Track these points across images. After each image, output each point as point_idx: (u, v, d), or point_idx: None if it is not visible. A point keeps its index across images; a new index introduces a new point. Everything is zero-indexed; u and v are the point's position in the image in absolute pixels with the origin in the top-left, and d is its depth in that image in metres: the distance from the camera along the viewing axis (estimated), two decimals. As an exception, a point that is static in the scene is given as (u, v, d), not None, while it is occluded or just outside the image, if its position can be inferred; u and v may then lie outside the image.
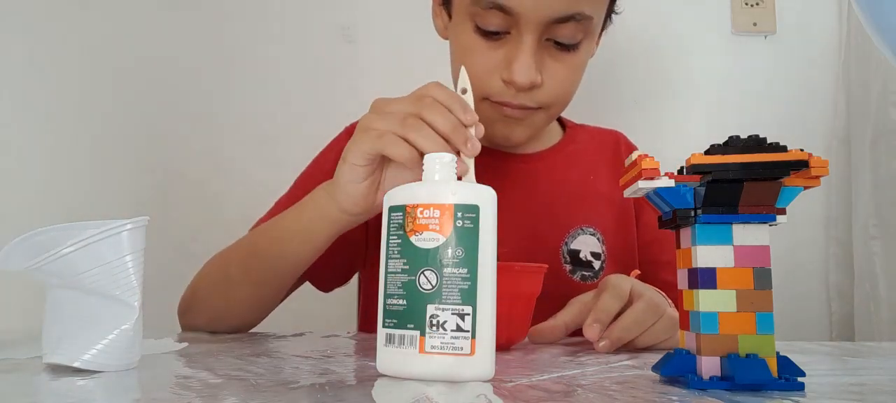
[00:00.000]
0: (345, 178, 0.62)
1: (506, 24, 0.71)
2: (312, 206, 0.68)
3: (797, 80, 1.30)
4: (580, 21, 0.71)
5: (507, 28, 0.72)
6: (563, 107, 0.80)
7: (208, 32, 1.29)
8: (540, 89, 0.74)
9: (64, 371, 0.44)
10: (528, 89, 0.73)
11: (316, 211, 0.67)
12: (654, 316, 0.61)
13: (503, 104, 0.75)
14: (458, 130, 0.56)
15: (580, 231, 0.84)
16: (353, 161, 0.60)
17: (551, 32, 0.72)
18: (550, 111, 0.79)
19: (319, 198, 0.67)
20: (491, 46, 0.73)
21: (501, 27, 0.72)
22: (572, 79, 0.77)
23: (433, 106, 0.56)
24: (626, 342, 0.59)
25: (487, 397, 0.37)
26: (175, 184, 1.26)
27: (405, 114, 0.57)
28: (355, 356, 0.55)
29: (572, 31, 0.72)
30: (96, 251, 0.44)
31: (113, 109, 1.27)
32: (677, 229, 0.42)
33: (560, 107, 0.80)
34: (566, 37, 0.72)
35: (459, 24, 0.76)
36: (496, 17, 0.71)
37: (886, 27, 0.64)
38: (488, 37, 0.73)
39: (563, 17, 0.70)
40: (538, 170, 0.86)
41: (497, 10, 0.70)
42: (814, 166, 0.38)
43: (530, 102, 0.75)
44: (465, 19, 0.74)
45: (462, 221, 0.41)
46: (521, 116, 0.76)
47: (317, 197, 0.68)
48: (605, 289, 0.62)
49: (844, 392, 0.39)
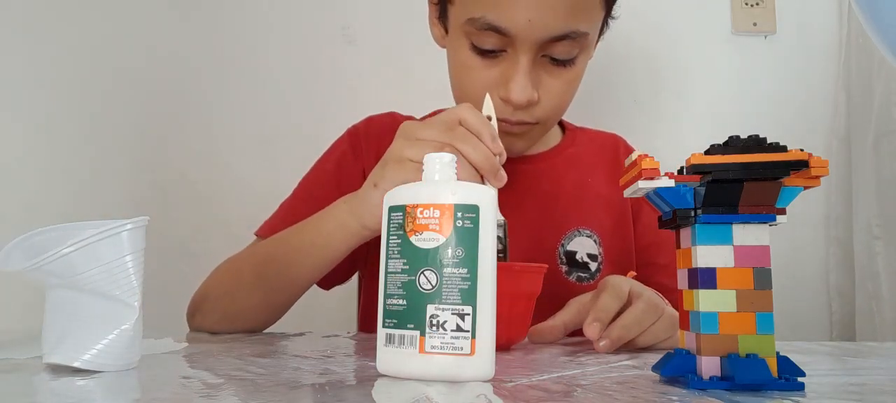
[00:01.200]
0: (374, 201, 0.63)
1: (501, 44, 0.72)
2: (333, 220, 0.69)
3: (797, 80, 1.30)
4: (575, 38, 0.72)
5: (503, 47, 0.72)
6: (558, 118, 0.81)
7: (208, 33, 1.29)
8: (537, 105, 0.74)
9: (64, 371, 0.44)
10: (524, 107, 0.73)
11: (336, 226, 0.69)
12: (654, 315, 0.61)
13: (501, 120, 0.75)
14: (490, 161, 0.58)
15: (577, 232, 0.84)
16: (384, 188, 0.60)
17: (547, 50, 0.72)
18: (548, 124, 0.79)
19: (340, 213, 0.69)
20: (487, 65, 0.74)
21: (497, 46, 0.72)
22: (569, 93, 0.78)
23: (465, 137, 0.58)
24: (626, 341, 0.59)
25: (487, 397, 0.37)
26: (175, 184, 1.26)
27: (440, 145, 0.59)
28: (355, 356, 0.55)
29: (568, 47, 0.72)
30: (96, 251, 0.44)
31: (113, 109, 1.27)
32: (677, 229, 0.42)
33: (557, 118, 0.81)
34: (562, 53, 0.73)
35: (455, 40, 0.76)
36: (491, 37, 0.71)
37: (886, 27, 0.64)
38: (484, 55, 0.74)
39: (559, 36, 0.71)
40: (536, 171, 0.87)
41: (492, 30, 0.71)
42: (814, 166, 0.38)
43: (528, 118, 0.75)
44: (461, 37, 0.75)
45: (462, 221, 0.41)
46: (519, 132, 0.77)
47: (338, 211, 0.69)
48: (605, 289, 0.62)
49: (844, 393, 0.39)
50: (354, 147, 0.88)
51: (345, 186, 0.84)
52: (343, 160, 0.87)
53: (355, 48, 1.29)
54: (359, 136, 0.89)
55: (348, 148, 0.88)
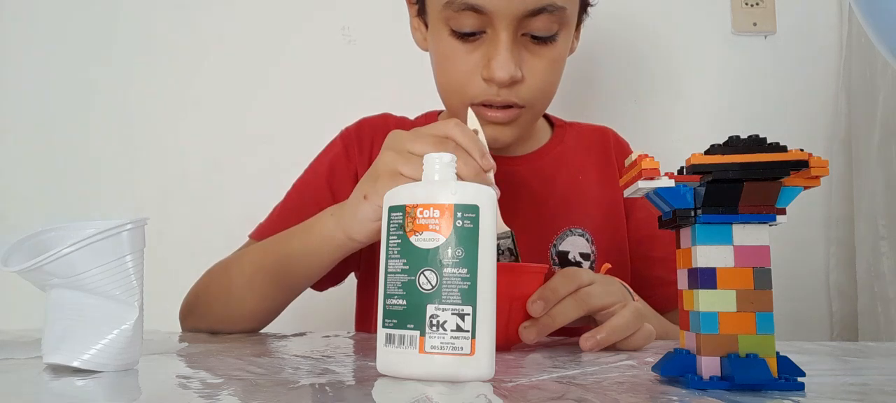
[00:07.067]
0: (362, 214, 0.63)
1: (480, 24, 0.72)
2: (319, 230, 0.69)
3: (797, 80, 1.29)
4: (553, 12, 0.72)
5: (482, 27, 0.73)
6: (546, 103, 0.80)
7: (208, 32, 1.29)
8: (522, 85, 0.74)
9: (64, 371, 0.44)
10: (509, 85, 0.73)
11: (323, 236, 0.69)
12: (639, 322, 0.60)
13: (487, 105, 0.75)
14: (480, 177, 0.58)
15: (568, 232, 0.84)
16: (376, 201, 0.60)
17: (526, 26, 0.72)
18: (535, 108, 0.79)
19: (326, 223, 0.68)
20: (468, 49, 0.74)
21: (476, 27, 0.72)
22: (553, 73, 0.78)
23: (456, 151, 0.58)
24: (613, 343, 0.59)
25: (487, 397, 0.36)
26: (175, 184, 1.26)
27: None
28: (355, 356, 0.55)
29: (547, 22, 0.72)
30: (96, 251, 0.44)
31: (113, 109, 1.27)
32: (677, 229, 0.42)
33: (544, 104, 0.80)
34: (541, 29, 0.73)
35: (436, 31, 0.76)
36: (469, 17, 0.72)
37: (885, 28, 0.64)
38: (465, 39, 0.74)
39: (536, 10, 0.71)
40: (526, 172, 0.86)
41: (470, 10, 0.71)
42: (814, 166, 0.38)
43: (514, 98, 0.74)
44: (441, 25, 0.75)
45: (462, 221, 0.41)
46: (506, 119, 0.76)
47: (324, 222, 0.69)
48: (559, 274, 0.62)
49: (845, 393, 0.39)
50: (347, 149, 0.88)
51: (337, 189, 0.85)
52: (336, 163, 0.87)
53: (355, 48, 1.29)
54: (351, 139, 0.89)
55: (341, 150, 0.88)
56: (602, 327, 0.58)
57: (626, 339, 0.59)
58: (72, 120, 1.26)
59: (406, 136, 0.62)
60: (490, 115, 0.75)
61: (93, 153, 1.26)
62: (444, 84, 0.79)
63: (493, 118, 0.75)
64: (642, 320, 0.61)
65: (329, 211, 0.69)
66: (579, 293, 0.60)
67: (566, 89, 0.84)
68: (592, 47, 1.23)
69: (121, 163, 1.26)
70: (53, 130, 1.26)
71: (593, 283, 0.61)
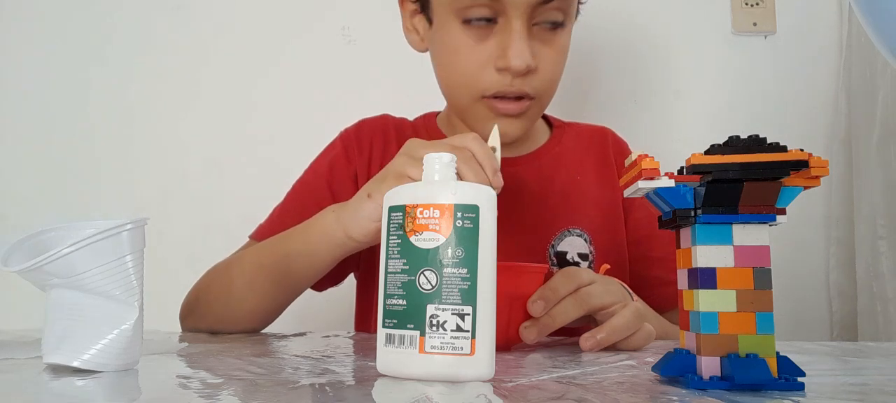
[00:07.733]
0: (364, 213, 0.63)
1: (493, 11, 0.73)
2: (320, 229, 0.69)
3: (797, 80, 1.29)
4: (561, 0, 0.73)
5: (494, 16, 0.73)
6: (552, 95, 0.81)
7: (208, 32, 1.29)
8: (535, 75, 0.74)
9: (64, 371, 0.44)
10: (524, 74, 0.73)
11: (323, 235, 0.68)
12: (638, 322, 0.60)
13: (499, 97, 0.75)
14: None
15: (567, 232, 0.84)
16: (378, 200, 0.60)
17: (537, 15, 0.73)
18: (542, 101, 0.79)
19: (327, 222, 0.68)
20: (480, 39, 0.74)
21: (489, 14, 0.73)
22: (560, 64, 0.78)
23: (469, 160, 0.58)
24: (613, 343, 0.59)
25: (487, 397, 0.36)
26: (175, 184, 1.26)
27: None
28: (355, 356, 0.55)
29: (556, 11, 0.74)
30: (96, 251, 0.44)
31: (113, 109, 1.27)
32: (677, 229, 0.42)
33: (550, 96, 0.80)
34: (552, 16, 0.74)
35: (444, 24, 0.76)
36: (483, 5, 0.72)
37: (885, 28, 0.64)
38: (476, 31, 0.74)
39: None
40: (525, 173, 0.86)
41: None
42: (814, 166, 0.38)
43: (527, 88, 0.75)
44: (450, 17, 0.75)
45: (462, 221, 0.41)
46: (518, 111, 0.76)
47: (325, 221, 0.68)
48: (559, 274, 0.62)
49: (845, 393, 0.39)
50: (347, 150, 0.88)
51: (337, 189, 0.84)
52: (335, 163, 0.87)
53: (355, 48, 1.29)
54: (350, 140, 0.89)
55: (340, 151, 0.88)
56: (602, 327, 0.58)
57: (626, 339, 0.59)
58: (72, 120, 1.26)
59: (422, 144, 0.62)
60: (502, 107, 0.75)
61: (93, 153, 1.26)
62: (453, 78, 0.79)
63: (505, 110, 0.75)
64: (642, 320, 0.61)
65: (331, 209, 0.69)
66: (579, 293, 0.60)
67: (565, 89, 0.84)
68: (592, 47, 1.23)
69: (121, 163, 1.26)
70: (53, 130, 1.26)
71: (593, 283, 0.61)
